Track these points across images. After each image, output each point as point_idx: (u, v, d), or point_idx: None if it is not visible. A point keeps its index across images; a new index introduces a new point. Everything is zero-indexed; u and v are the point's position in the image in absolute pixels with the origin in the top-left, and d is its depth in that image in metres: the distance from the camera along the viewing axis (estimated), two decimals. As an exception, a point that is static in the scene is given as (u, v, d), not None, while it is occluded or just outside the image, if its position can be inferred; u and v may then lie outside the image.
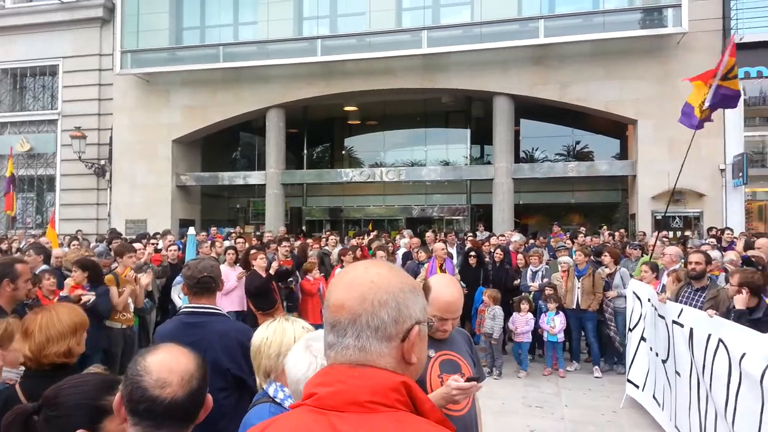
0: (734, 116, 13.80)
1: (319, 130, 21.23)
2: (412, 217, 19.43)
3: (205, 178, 18.53)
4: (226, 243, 9.98)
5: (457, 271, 9.24)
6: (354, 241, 11.56)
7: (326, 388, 1.07)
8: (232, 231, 14.46)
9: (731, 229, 11.31)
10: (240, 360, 2.86)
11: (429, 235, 11.67)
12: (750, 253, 7.37)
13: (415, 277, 8.37)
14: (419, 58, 15.57)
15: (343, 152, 21.52)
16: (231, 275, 7.60)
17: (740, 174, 13.09)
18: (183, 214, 18.14)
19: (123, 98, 17.97)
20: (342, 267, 8.33)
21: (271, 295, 7.42)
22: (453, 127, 20.05)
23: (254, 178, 18.21)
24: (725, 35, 13.71)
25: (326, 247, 10.45)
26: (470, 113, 19.06)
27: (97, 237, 14.99)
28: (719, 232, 11.09)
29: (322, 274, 8.33)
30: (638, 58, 14.17)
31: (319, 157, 22.10)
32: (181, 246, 9.81)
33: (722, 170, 13.69)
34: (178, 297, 7.79)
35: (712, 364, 4.32)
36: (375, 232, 14.54)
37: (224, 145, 20.38)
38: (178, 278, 7.92)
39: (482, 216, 17.72)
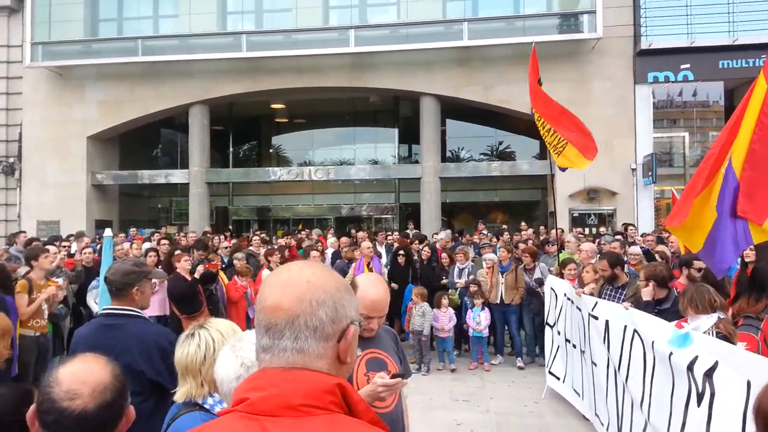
0: (644, 118, 14.68)
1: (246, 128, 20.82)
2: (341, 217, 19.42)
3: (124, 176, 17.76)
4: (146, 245, 9.60)
5: (386, 270, 9.31)
6: (282, 241, 11.42)
7: (258, 392, 1.04)
8: (157, 232, 13.92)
9: (634, 226, 12.04)
10: (158, 364, 2.77)
11: (360, 234, 11.69)
12: (660, 248, 7.86)
13: (344, 276, 8.36)
14: (347, 57, 15.58)
15: (271, 150, 21.21)
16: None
17: (650, 173, 13.93)
18: (99, 214, 17.30)
19: (34, 92, 16.92)
20: (269, 268, 8.20)
21: (196, 298, 7.21)
22: (381, 126, 20.20)
23: (177, 176, 17.64)
24: (636, 41, 14.55)
25: (251, 248, 10.24)
26: (398, 113, 19.28)
27: (6, 240, 14.03)
28: (624, 228, 11.77)
29: (249, 278, 8.15)
30: (557, 61, 14.78)
31: (245, 155, 21.66)
32: (97, 249, 9.34)
33: (633, 170, 14.52)
34: (94, 302, 7.42)
35: (630, 353, 4.57)
36: (306, 232, 14.43)
37: (144, 142, 19.60)
38: (94, 282, 7.55)
39: (411, 214, 17.95)
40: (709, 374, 3.21)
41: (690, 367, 3.40)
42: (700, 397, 3.30)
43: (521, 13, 15.09)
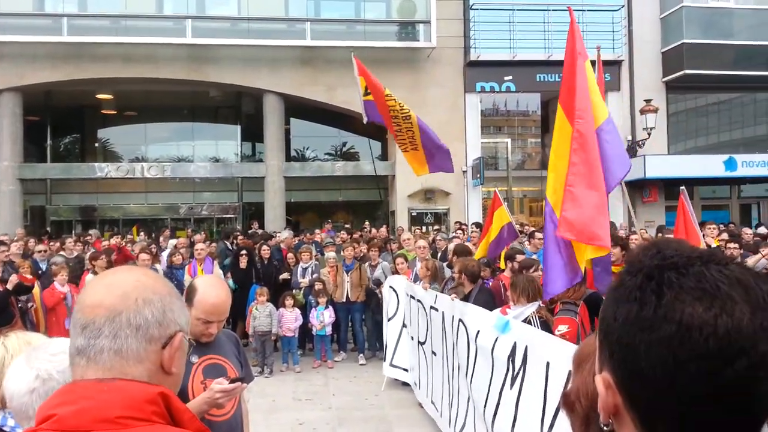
0: (473, 125, 15.86)
1: (67, 119, 18.86)
2: (179, 217, 18.42)
3: None
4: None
5: (219, 270, 9.07)
6: (113, 242, 10.63)
7: (68, 407, 0.95)
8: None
9: (465, 224, 13.05)
10: None
11: (198, 236, 11.26)
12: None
13: (181, 278, 8.01)
14: (184, 48, 14.81)
15: (97, 144, 19.46)
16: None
17: (478, 175, 15.09)
18: None
19: None
20: (94, 273, 7.55)
21: (8, 309, 6.48)
22: (223, 123, 19.52)
23: (-18, 172, 15.49)
24: (465, 53, 15.65)
25: (62, 253, 9.30)
26: (240, 109, 18.76)
27: None
28: (462, 225, 12.70)
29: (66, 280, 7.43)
30: (395, 67, 15.39)
31: (66, 149, 19.65)
32: None
33: (464, 172, 15.63)
34: None
35: (458, 341, 4.96)
36: (143, 235, 13.50)
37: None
38: None
39: (254, 214, 17.59)
40: (523, 359, 3.61)
41: (512, 352, 3.78)
42: (513, 380, 3.68)
43: (362, 18, 15.50)
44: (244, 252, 9.18)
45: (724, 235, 8.36)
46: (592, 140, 4.17)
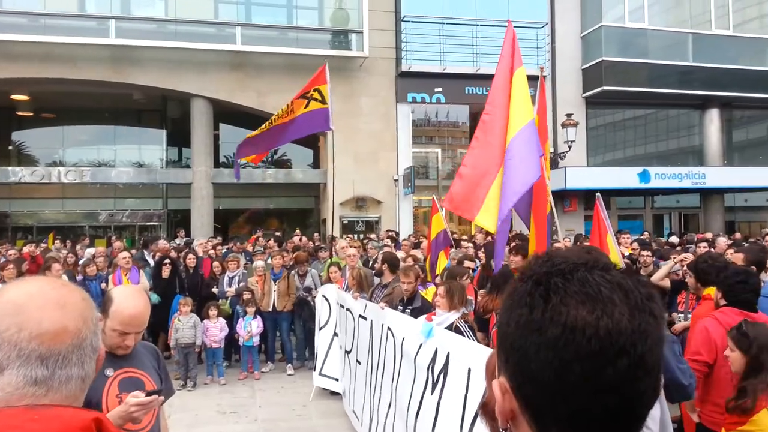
0: (405, 134, 16.07)
1: (-23, 121, 17.69)
2: (98, 224, 17.61)
3: None
4: None
5: (146, 282, 8.74)
6: (27, 250, 10.04)
7: None
8: None
9: (396, 232, 13.22)
10: None
11: (117, 244, 10.79)
12: (414, 252, 8.69)
13: (95, 290, 7.66)
14: (106, 49, 14.22)
15: (11, 148, 18.33)
16: None
17: (409, 184, 15.29)
18: None
19: None
20: (2, 281, 7.10)
21: None
22: (147, 127, 18.84)
23: None
24: (398, 63, 15.86)
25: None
26: (166, 113, 18.18)
27: None
28: (396, 234, 12.81)
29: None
30: (329, 75, 15.34)
31: (-24, 152, 18.40)
32: None
33: (396, 180, 15.80)
34: None
35: (385, 350, 4.99)
36: (58, 243, 12.80)
37: None
38: None
39: (180, 221, 17.06)
40: (444, 364, 3.68)
41: (432, 359, 3.85)
42: (434, 386, 3.75)
43: (294, 25, 15.42)
44: (167, 261, 8.88)
45: (636, 245, 8.90)
46: (496, 131, 4.59)
